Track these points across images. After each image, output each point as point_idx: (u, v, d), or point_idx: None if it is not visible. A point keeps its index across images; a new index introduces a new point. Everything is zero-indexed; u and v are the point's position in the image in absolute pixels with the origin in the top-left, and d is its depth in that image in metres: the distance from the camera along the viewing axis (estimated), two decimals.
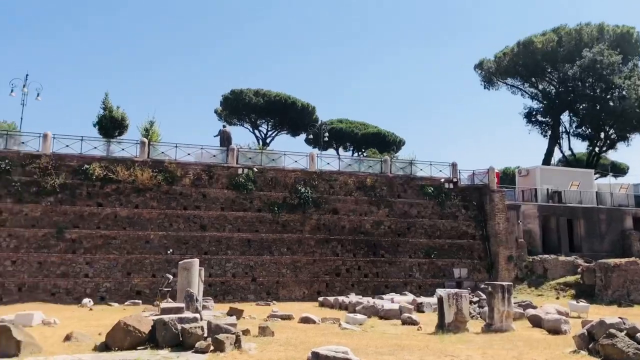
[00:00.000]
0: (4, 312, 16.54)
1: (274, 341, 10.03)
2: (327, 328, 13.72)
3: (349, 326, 14.02)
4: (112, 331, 8.70)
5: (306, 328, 13.39)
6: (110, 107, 27.94)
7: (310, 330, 12.76)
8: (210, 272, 24.59)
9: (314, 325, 14.39)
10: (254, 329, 10.94)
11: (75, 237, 23.33)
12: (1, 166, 22.86)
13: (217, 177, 26.05)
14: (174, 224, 24.82)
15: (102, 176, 24.11)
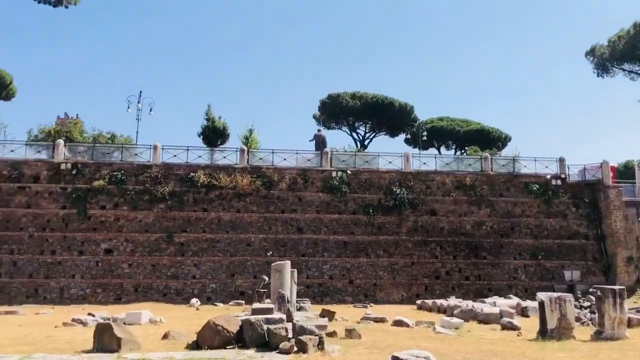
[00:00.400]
0: (121, 310, 18.08)
1: (360, 344, 9.97)
2: (419, 332, 13.40)
3: (444, 330, 13.59)
4: (202, 330, 9.16)
5: (397, 331, 13.17)
6: (212, 117, 29.53)
7: (401, 334, 12.54)
8: (308, 274, 25.10)
9: (406, 328, 14.12)
10: (341, 331, 10.95)
11: (184, 240, 24.91)
12: (117, 176, 25.02)
13: (312, 180, 26.52)
14: (272, 227, 25.63)
15: (207, 183, 25.52)
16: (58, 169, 25.07)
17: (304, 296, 24.03)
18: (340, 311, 19.28)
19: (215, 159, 27.09)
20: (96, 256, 24.21)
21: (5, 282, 23.45)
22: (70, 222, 24.50)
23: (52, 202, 24.67)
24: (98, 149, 26.46)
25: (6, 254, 23.78)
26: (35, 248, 24.02)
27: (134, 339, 8.95)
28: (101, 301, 23.26)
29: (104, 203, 24.91)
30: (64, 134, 30.37)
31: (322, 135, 31.09)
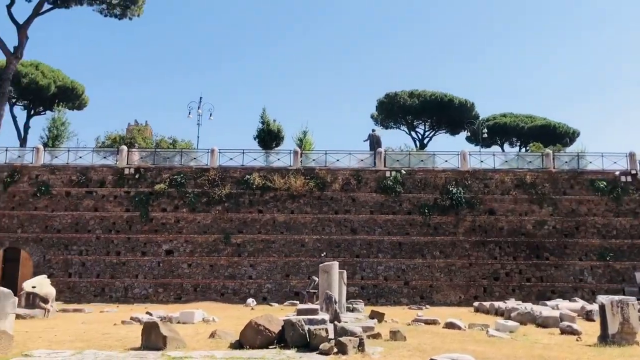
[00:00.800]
0: (180, 309, 18.65)
1: (403, 346, 9.80)
2: (470, 335, 13.00)
3: (497, 333, 13.12)
4: (245, 330, 9.32)
5: (447, 334, 12.85)
6: (267, 120, 30.03)
7: (450, 337, 12.22)
8: (362, 275, 25.00)
9: (458, 331, 13.75)
10: (386, 333, 10.82)
11: (240, 241, 25.46)
12: (177, 180, 25.93)
13: (365, 181, 26.39)
14: (326, 228, 25.71)
15: (261, 185, 25.96)
16: (122, 173, 26.28)
17: (358, 297, 23.96)
18: (392, 313, 19.08)
19: (269, 161, 27.53)
20: (158, 257, 25.20)
21: (75, 282, 24.87)
22: (134, 224, 25.63)
23: (117, 206, 25.90)
24: (159, 153, 27.53)
25: (76, 255, 25.20)
26: (101, 249, 25.31)
27: (179, 338, 9.23)
28: (162, 300, 24.18)
29: (164, 206, 25.88)
30: (128, 140, 31.87)
31: (377, 135, 30.85)
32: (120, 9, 38.41)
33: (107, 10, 38.50)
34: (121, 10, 38.55)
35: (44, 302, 16.02)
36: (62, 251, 25.27)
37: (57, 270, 25.02)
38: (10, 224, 25.67)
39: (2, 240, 25.46)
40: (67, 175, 26.26)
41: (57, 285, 24.27)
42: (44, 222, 25.67)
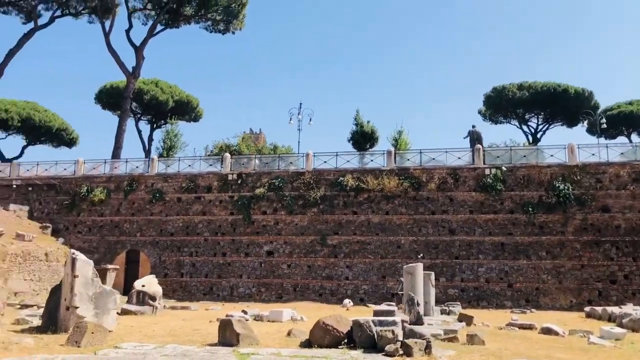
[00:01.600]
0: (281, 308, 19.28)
1: (479, 350, 9.38)
2: (567, 342, 12.07)
3: (599, 341, 12.05)
4: (313, 329, 9.51)
5: (540, 340, 12.05)
6: (361, 122, 30.17)
7: (541, 343, 11.45)
8: (462, 277, 24.18)
9: (554, 337, 12.82)
10: (463, 337, 10.42)
11: (336, 243, 25.80)
12: (275, 184, 26.92)
13: (463, 179, 25.49)
14: (422, 229, 25.21)
15: (355, 186, 26.10)
16: (226, 179, 27.84)
17: (458, 300, 23.24)
18: (490, 316, 18.24)
19: (364, 162, 27.61)
20: (260, 257, 26.33)
21: (187, 281, 26.76)
22: (237, 226, 27.01)
23: (222, 210, 27.47)
24: (259, 159, 28.77)
25: (187, 256, 27.12)
26: (209, 251, 26.99)
27: (253, 335, 9.65)
28: (264, 299, 25.21)
29: (265, 209, 26.99)
30: (233, 148, 33.68)
31: (477, 131, 29.67)
32: (224, 24, 40.82)
33: (211, 27, 41.14)
34: (224, 26, 40.96)
35: (152, 299, 17.46)
36: (175, 253, 27.34)
37: (171, 270, 27.12)
38: (131, 228, 28.29)
39: (124, 243, 28.14)
40: (178, 183, 28.36)
41: (170, 284, 26.44)
42: (159, 226, 27.95)
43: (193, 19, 40.60)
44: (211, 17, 40.21)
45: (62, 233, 28.52)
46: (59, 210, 29.40)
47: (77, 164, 30.29)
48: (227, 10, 39.57)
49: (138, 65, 38.18)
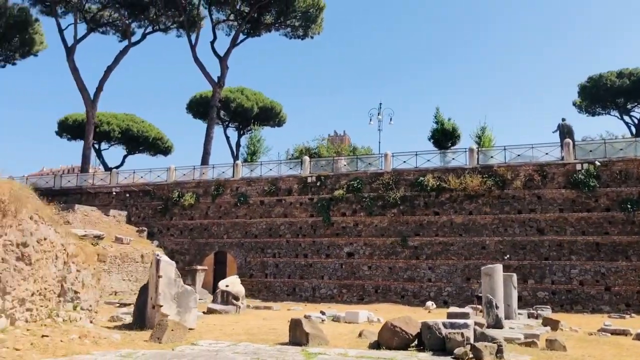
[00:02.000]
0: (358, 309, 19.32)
1: (557, 357, 8.84)
2: None
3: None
4: (382, 331, 9.45)
5: (632, 347, 11.12)
6: (441, 120, 29.46)
7: (632, 350, 10.58)
8: (553, 279, 22.91)
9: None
10: (544, 342, 9.87)
11: (417, 244, 25.38)
12: (354, 185, 26.97)
13: (551, 176, 24.12)
14: (508, 229, 24.16)
15: (436, 186, 25.53)
16: (305, 182, 28.31)
17: (549, 303, 22.07)
18: (582, 321, 17.12)
19: (445, 161, 26.94)
20: (340, 259, 26.50)
21: (271, 282, 27.52)
22: (318, 228, 27.37)
23: (302, 212, 27.97)
24: (337, 161, 28.98)
25: (270, 258, 27.89)
26: (291, 252, 27.58)
27: (322, 335, 9.77)
28: (346, 301, 25.32)
29: (344, 210, 27.13)
30: (312, 151, 34.17)
31: (568, 125, 27.95)
32: (302, 30, 41.56)
33: (291, 33, 42.03)
34: (303, 31, 41.69)
35: (235, 299, 18.14)
36: (259, 254, 28.21)
37: (256, 271, 28.01)
38: (218, 231, 29.57)
39: (212, 245, 29.47)
40: (260, 186, 29.25)
41: (256, 284, 27.32)
42: (244, 228, 28.97)
43: (273, 26, 41.68)
44: (290, 23, 41.08)
45: (156, 236, 30.39)
46: (154, 215, 31.35)
47: (169, 171, 32.16)
48: (305, 16, 40.24)
49: (223, 75, 39.82)
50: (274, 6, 39.37)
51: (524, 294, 23.18)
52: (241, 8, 40.06)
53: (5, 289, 8.42)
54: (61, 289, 9.94)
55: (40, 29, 43.92)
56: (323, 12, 40.72)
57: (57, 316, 9.64)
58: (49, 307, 9.54)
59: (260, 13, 40.37)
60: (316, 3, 39.82)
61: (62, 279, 9.95)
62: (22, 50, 44.26)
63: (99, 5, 41.23)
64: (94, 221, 28.63)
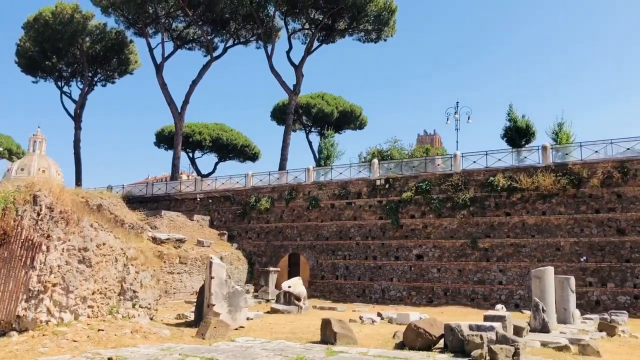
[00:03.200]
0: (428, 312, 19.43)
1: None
2: None
3: None
4: (406, 332, 9.70)
5: None
6: (514, 117, 28.52)
7: None
8: (635, 283, 21.50)
9: None
10: (576, 347, 9.61)
11: (487, 246, 24.84)
12: (422, 187, 26.89)
13: (633, 172, 22.61)
14: (585, 230, 22.97)
15: (507, 186, 24.83)
16: (374, 185, 28.62)
17: (630, 308, 20.87)
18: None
19: (519, 159, 26.08)
20: (409, 261, 26.54)
21: (341, 283, 28.14)
22: (386, 230, 27.59)
23: (371, 214, 28.31)
24: (406, 163, 29.00)
25: (341, 260, 28.52)
26: (361, 254, 28.02)
27: (350, 335, 10.22)
28: (415, 303, 25.32)
29: (412, 212, 27.12)
30: (385, 153, 34.39)
31: None
32: (376, 33, 41.87)
33: (364, 37, 42.46)
34: (376, 34, 42.00)
35: (297, 299, 18.97)
36: (330, 256, 28.94)
37: (327, 272, 28.77)
38: (292, 233, 30.70)
39: (286, 247, 30.64)
40: (331, 190, 29.98)
41: (327, 286, 28.10)
42: (316, 231, 29.84)
43: (347, 32, 42.32)
44: (363, 28, 41.49)
45: (235, 239, 32.11)
46: (233, 219, 33.15)
47: (246, 177, 33.85)
48: (377, 19, 40.47)
49: (298, 83, 41.11)
50: (347, 12, 39.97)
51: (603, 298, 21.98)
52: (315, 16, 41.10)
53: (68, 288, 9.72)
54: (121, 289, 11.18)
55: (134, 49, 48.04)
56: (395, 14, 40.75)
57: (117, 313, 10.87)
58: (109, 305, 10.79)
59: (333, 20, 41.19)
60: (388, 6, 39.96)
61: (121, 279, 11.19)
62: (120, 70, 48.67)
63: (185, 23, 44.17)
64: (179, 226, 30.83)
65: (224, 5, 39.87)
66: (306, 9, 40.23)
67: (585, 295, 22.27)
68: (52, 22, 40.84)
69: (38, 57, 44.27)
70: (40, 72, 46.51)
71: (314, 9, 40.33)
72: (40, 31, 41.37)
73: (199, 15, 41.65)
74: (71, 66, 46.91)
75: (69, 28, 41.46)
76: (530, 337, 11.11)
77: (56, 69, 46.11)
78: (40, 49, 43.20)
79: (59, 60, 45.12)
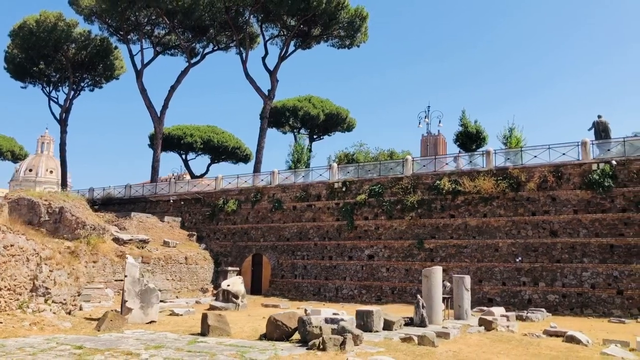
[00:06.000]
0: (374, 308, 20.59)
1: (412, 351, 9.73)
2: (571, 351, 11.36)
3: (617, 352, 11.16)
4: (267, 325, 10.89)
5: (537, 347, 11.56)
6: (466, 123, 29.56)
7: (521, 350, 11.09)
8: (564, 282, 22.55)
9: (569, 345, 12.06)
10: (419, 339, 10.74)
11: (433, 246, 25.94)
12: (376, 190, 28.03)
13: (567, 177, 23.62)
14: (521, 231, 24.01)
15: (452, 189, 25.90)
16: (333, 187, 29.80)
17: (558, 306, 21.94)
18: (575, 325, 17.00)
19: (466, 163, 27.13)
20: (361, 261, 27.70)
21: (299, 282, 29.36)
22: (342, 232, 28.76)
23: (329, 216, 29.49)
24: (362, 167, 30.14)
25: (300, 260, 29.73)
26: (318, 254, 29.21)
27: (225, 327, 11.45)
28: (365, 301, 26.48)
29: (366, 214, 28.27)
30: (350, 157, 35.52)
31: (604, 122, 26.92)
32: (349, 40, 43.02)
33: (338, 44, 43.61)
34: (350, 41, 43.16)
35: (235, 297, 20.22)
36: (290, 256, 30.16)
37: (287, 272, 30.00)
38: (256, 234, 31.96)
39: (250, 248, 31.90)
40: (294, 192, 31.19)
41: (286, 285, 29.33)
42: (278, 232, 31.08)
43: (322, 38, 43.48)
44: (337, 34, 42.64)
45: (204, 240, 33.43)
46: (203, 220, 34.48)
47: (217, 180, 35.15)
48: (350, 26, 41.62)
49: (273, 88, 42.38)
50: (319, 19, 41.14)
51: (534, 297, 23.03)
52: (291, 23, 42.28)
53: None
54: (33, 286, 12.47)
55: (120, 55, 49.53)
56: (367, 21, 41.86)
57: (27, 307, 12.15)
58: (19, 300, 12.08)
59: (309, 27, 42.32)
60: (359, 13, 41.10)
61: (33, 277, 12.48)
62: (106, 75, 50.21)
63: (167, 30, 45.53)
64: (148, 227, 32.19)
65: (200, 14, 41.16)
66: (280, 16, 41.40)
67: (518, 294, 23.34)
68: (36, 30, 42.38)
69: (26, 64, 45.89)
70: (28, 77, 48.12)
71: (287, 16, 41.49)
72: (25, 39, 42.92)
73: (177, 22, 42.98)
74: (59, 72, 48.48)
75: (53, 35, 42.97)
76: (403, 331, 12.26)
77: (45, 75, 47.71)
78: (26, 56, 44.81)
79: (47, 66, 46.71)
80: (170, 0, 40.19)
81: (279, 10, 40.12)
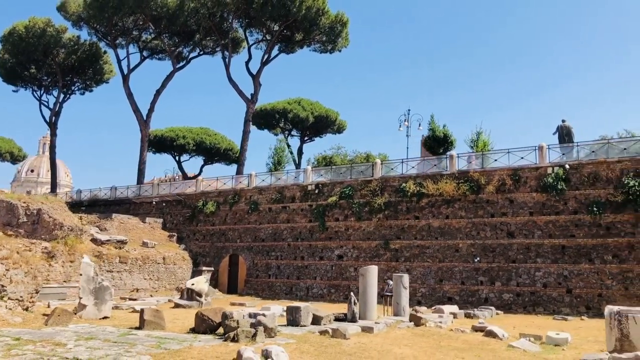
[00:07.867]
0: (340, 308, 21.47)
1: (320, 342, 10.62)
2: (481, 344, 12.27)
3: (521, 345, 12.04)
4: (195, 319, 11.85)
5: (454, 339, 12.48)
6: (434, 127, 30.47)
7: (430, 343, 12.00)
8: (518, 282, 23.44)
9: (483, 339, 12.98)
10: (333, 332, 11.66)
11: (398, 247, 26.86)
12: (346, 192, 28.95)
13: (524, 180, 24.50)
14: (481, 232, 24.91)
15: (417, 192, 26.81)
16: (306, 190, 30.75)
17: (512, 305, 22.84)
18: (518, 322, 18.08)
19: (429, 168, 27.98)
20: (331, 261, 28.64)
21: (273, 282, 30.32)
22: (314, 232, 29.70)
23: (302, 217, 30.45)
24: (335, 170, 31.08)
25: (274, 260, 30.70)
26: (291, 255, 30.17)
27: (160, 322, 12.40)
28: (333, 300, 27.41)
29: (337, 216, 29.21)
30: (329, 159, 36.48)
31: (567, 126, 27.79)
32: (331, 45, 43.99)
33: (320, 48, 44.58)
34: (332, 45, 44.11)
35: (198, 296, 21.18)
36: (264, 257, 31.13)
37: (261, 272, 30.97)
38: (233, 235, 32.95)
39: (227, 249, 32.89)
40: (269, 194, 32.16)
41: (260, 284, 30.31)
42: (254, 233, 32.06)
43: (305, 43, 44.45)
44: (319, 39, 43.64)
45: (184, 240, 34.43)
46: (184, 221, 35.48)
47: (197, 182, 36.16)
48: (331, 31, 42.58)
49: (256, 92, 43.43)
50: (301, 24, 42.10)
51: (491, 296, 23.92)
52: (274, 28, 43.25)
53: None
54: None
55: (109, 59, 50.62)
56: (347, 26, 42.81)
57: None
58: None
59: (291, 32, 43.29)
60: (339, 19, 42.06)
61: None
62: (96, 79, 51.29)
63: (153, 34, 46.58)
64: (129, 228, 33.20)
65: (185, 20, 42.17)
66: (263, 21, 42.38)
67: (476, 294, 24.24)
68: (26, 35, 43.49)
69: (17, 68, 47.03)
70: (20, 81, 49.26)
71: (270, 21, 42.47)
72: (15, 44, 44.06)
73: (164, 28, 44.00)
74: (51, 76, 49.60)
75: (42, 41, 44.10)
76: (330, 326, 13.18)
77: (36, 79, 48.86)
78: (17, 61, 45.94)
79: (38, 70, 47.87)
80: (156, 7, 41.24)
81: (261, 16, 41.13)
